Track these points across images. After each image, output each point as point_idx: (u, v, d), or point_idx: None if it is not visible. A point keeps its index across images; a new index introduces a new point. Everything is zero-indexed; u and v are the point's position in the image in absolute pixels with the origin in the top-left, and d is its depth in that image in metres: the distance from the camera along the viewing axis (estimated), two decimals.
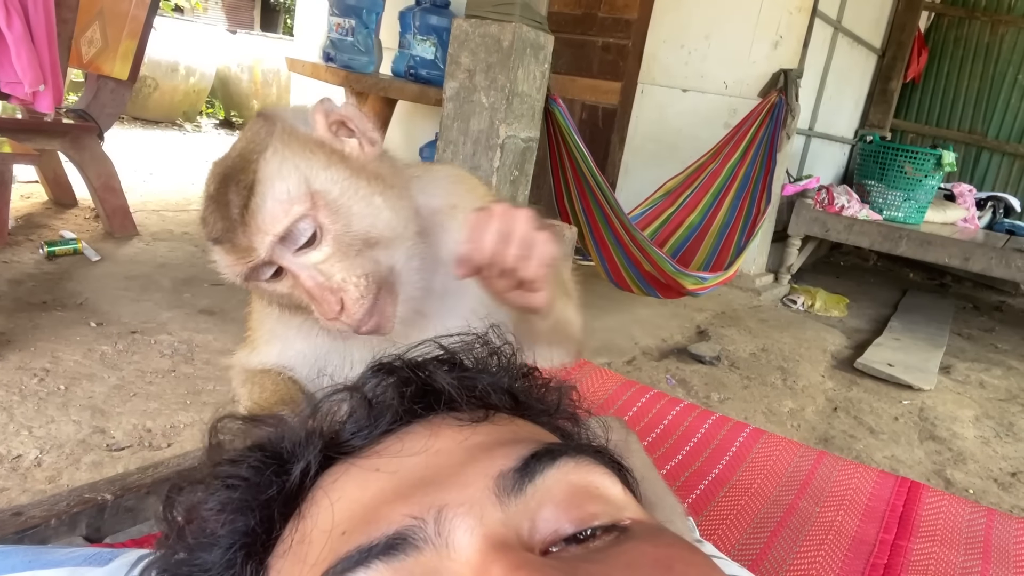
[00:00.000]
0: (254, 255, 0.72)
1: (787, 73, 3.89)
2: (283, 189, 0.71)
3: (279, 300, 0.79)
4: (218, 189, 0.73)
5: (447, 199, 0.87)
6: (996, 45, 6.19)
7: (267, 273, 0.75)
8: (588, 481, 0.41)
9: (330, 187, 0.74)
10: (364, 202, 0.75)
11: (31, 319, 2.52)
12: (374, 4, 4.19)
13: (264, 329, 0.88)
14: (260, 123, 0.76)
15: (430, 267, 0.82)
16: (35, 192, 4.12)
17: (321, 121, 0.79)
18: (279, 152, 0.73)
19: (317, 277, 0.73)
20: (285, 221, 0.71)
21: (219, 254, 0.74)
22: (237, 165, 0.73)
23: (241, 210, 0.70)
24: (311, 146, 0.75)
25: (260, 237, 0.71)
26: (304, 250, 0.73)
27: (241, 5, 16.89)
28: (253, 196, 0.71)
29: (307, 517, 0.41)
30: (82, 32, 3.58)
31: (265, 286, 0.77)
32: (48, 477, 1.75)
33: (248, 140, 0.75)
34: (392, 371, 0.48)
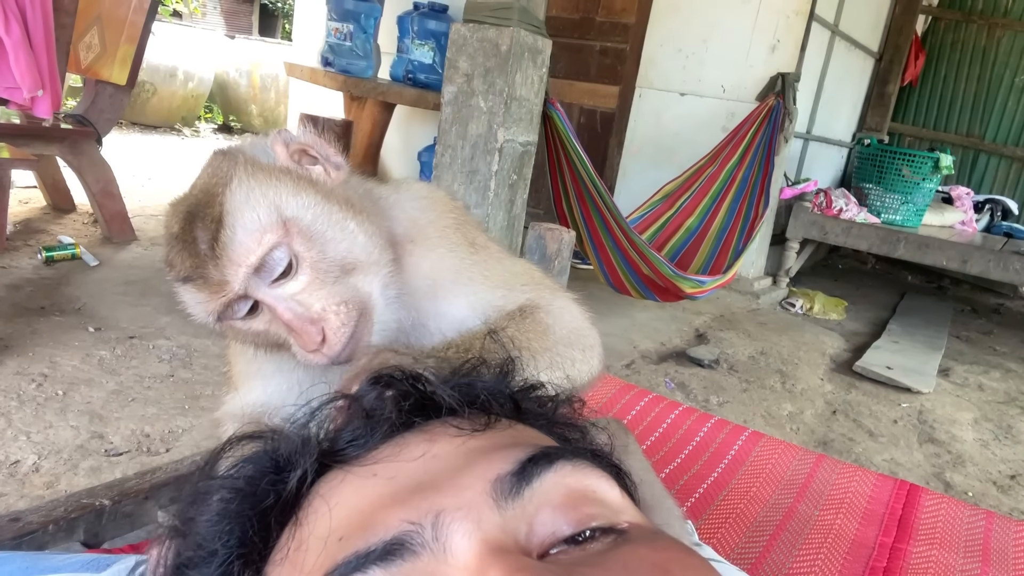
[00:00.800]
0: (227, 289, 0.68)
1: (785, 77, 3.89)
2: (253, 218, 0.68)
3: (255, 339, 0.75)
4: (183, 227, 0.69)
5: (408, 230, 0.83)
6: (993, 48, 6.20)
7: (242, 310, 0.71)
8: (585, 485, 0.41)
9: (302, 213, 0.71)
10: (338, 227, 0.72)
11: (29, 324, 2.52)
12: (372, 9, 4.20)
13: (242, 367, 0.85)
14: (219, 159, 0.74)
15: (402, 295, 0.79)
16: (33, 197, 4.12)
17: (282, 151, 0.76)
18: (244, 182, 0.70)
19: (296, 308, 0.69)
20: (258, 251, 0.67)
21: (189, 294, 0.70)
22: (201, 200, 0.69)
23: (211, 244, 0.67)
24: (277, 174, 0.72)
25: (233, 270, 0.67)
26: (280, 281, 0.69)
27: (239, 10, 16.92)
28: (222, 228, 0.67)
29: (304, 524, 0.41)
30: (80, 37, 3.59)
31: (240, 325, 0.73)
32: (46, 483, 1.74)
33: (209, 176, 0.72)
34: (391, 384, 0.48)
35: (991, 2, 6.19)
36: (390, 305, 0.76)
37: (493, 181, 2.40)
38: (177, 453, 1.94)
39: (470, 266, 0.85)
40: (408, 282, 0.80)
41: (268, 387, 0.83)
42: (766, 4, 4.18)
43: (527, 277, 0.90)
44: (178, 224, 0.69)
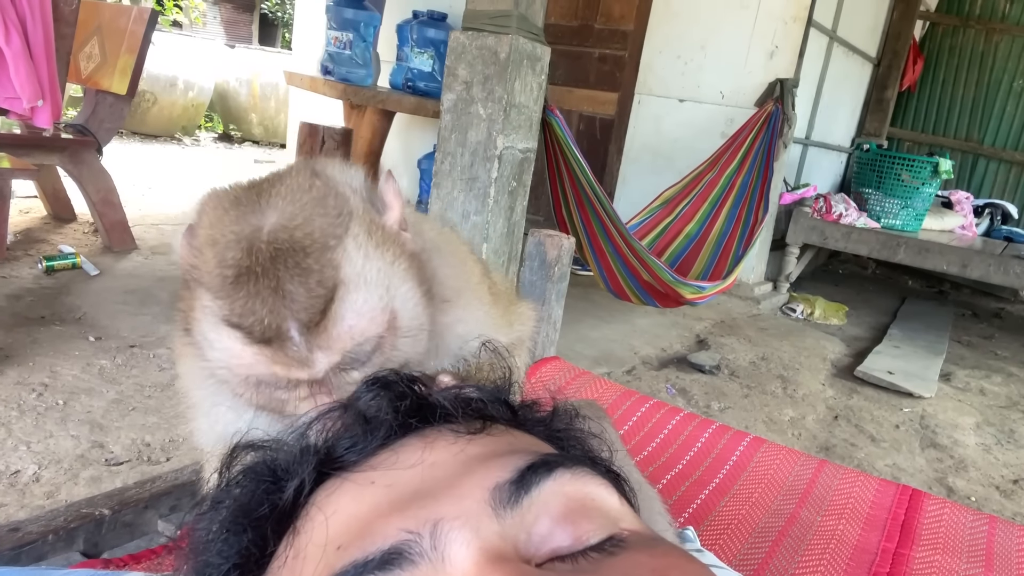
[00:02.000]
0: (307, 372, 0.55)
1: (783, 82, 3.90)
2: (368, 302, 0.56)
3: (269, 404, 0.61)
4: (266, 267, 0.53)
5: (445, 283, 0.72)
6: (991, 53, 6.22)
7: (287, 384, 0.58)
8: (584, 493, 0.41)
9: (404, 307, 0.60)
10: (421, 325, 0.62)
11: (30, 334, 2.52)
12: (372, 18, 4.22)
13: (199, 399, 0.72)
14: (320, 187, 0.58)
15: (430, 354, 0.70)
16: (34, 207, 4.12)
17: (398, 210, 0.63)
18: (364, 247, 0.57)
19: (343, 393, 0.57)
20: (356, 341, 0.56)
21: (244, 350, 0.55)
22: (302, 244, 0.54)
23: (313, 315, 0.54)
24: (392, 245, 0.60)
25: (326, 355, 0.55)
26: (347, 370, 0.58)
27: (239, 20, 16.98)
28: (333, 301, 0.54)
29: (302, 533, 0.41)
30: (80, 47, 3.60)
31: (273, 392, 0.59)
32: (46, 492, 1.74)
33: (310, 208, 0.56)
34: (387, 385, 0.48)
35: (989, 7, 6.21)
36: None
37: (493, 188, 2.41)
38: (177, 462, 1.94)
39: (494, 316, 0.79)
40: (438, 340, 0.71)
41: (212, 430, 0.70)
42: (764, 10, 4.20)
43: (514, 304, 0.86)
44: (255, 258, 0.54)
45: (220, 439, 0.66)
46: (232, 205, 0.58)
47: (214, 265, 0.55)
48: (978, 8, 6.27)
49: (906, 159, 4.75)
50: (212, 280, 0.55)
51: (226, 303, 0.54)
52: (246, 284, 0.53)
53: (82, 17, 3.40)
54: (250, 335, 0.54)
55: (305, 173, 0.59)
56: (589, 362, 3.02)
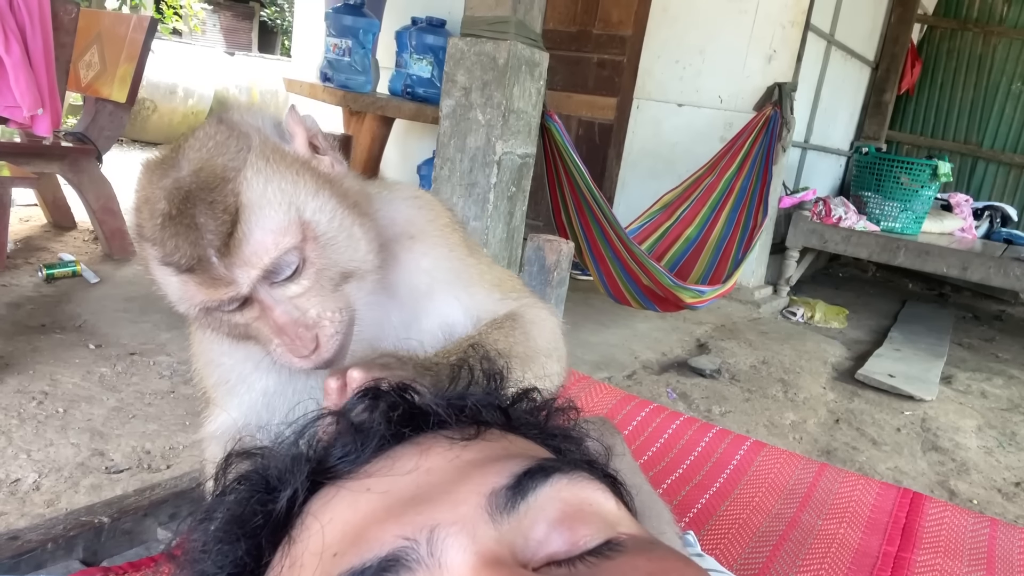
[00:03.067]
0: (232, 289, 0.64)
1: (782, 86, 3.91)
2: (274, 217, 0.64)
3: (233, 331, 0.70)
4: (180, 208, 0.62)
5: (406, 227, 0.81)
6: (989, 56, 6.23)
7: (232, 304, 0.66)
8: (581, 498, 0.41)
9: (320, 216, 0.67)
10: (347, 233, 0.69)
11: (30, 342, 2.52)
12: (371, 25, 4.23)
13: (214, 381, 0.82)
14: (224, 131, 0.67)
15: (385, 299, 0.77)
16: (34, 215, 4.13)
17: (300, 136, 0.71)
18: (263, 172, 0.65)
19: (293, 312, 0.66)
20: (274, 254, 0.64)
21: (178, 282, 0.65)
22: (206, 181, 0.63)
23: (222, 239, 0.62)
24: (296, 167, 0.67)
25: (244, 271, 0.63)
26: (282, 283, 0.66)
27: (239, 27, 17.03)
28: (238, 224, 0.62)
29: (298, 541, 0.41)
30: (80, 56, 3.61)
31: (224, 316, 0.68)
32: (47, 501, 1.74)
33: (213, 150, 0.65)
34: (379, 395, 0.47)
35: (986, 10, 6.23)
36: (369, 309, 0.74)
37: (492, 193, 2.41)
38: (178, 469, 1.93)
39: (468, 267, 0.84)
40: (405, 279, 0.79)
41: (243, 402, 0.80)
42: (762, 15, 4.21)
43: (513, 284, 0.90)
44: (172, 203, 0.62)
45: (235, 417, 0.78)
46: (156, 166, 0.67)
47: (148, 218, 0.64)
48: (976, 11, 6.28)
49: (905, 162, 4.76)
50: (148, 231, 0.65)
51: (159, 247, 0.64)
52: (169, 227, 0.62)
53: (82, 25, 3.41)
54: (179, 268, 0.63)
55: (211, 123, 0.68)
56: (589, 367, 3.01)
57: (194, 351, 0.84)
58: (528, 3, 2.36)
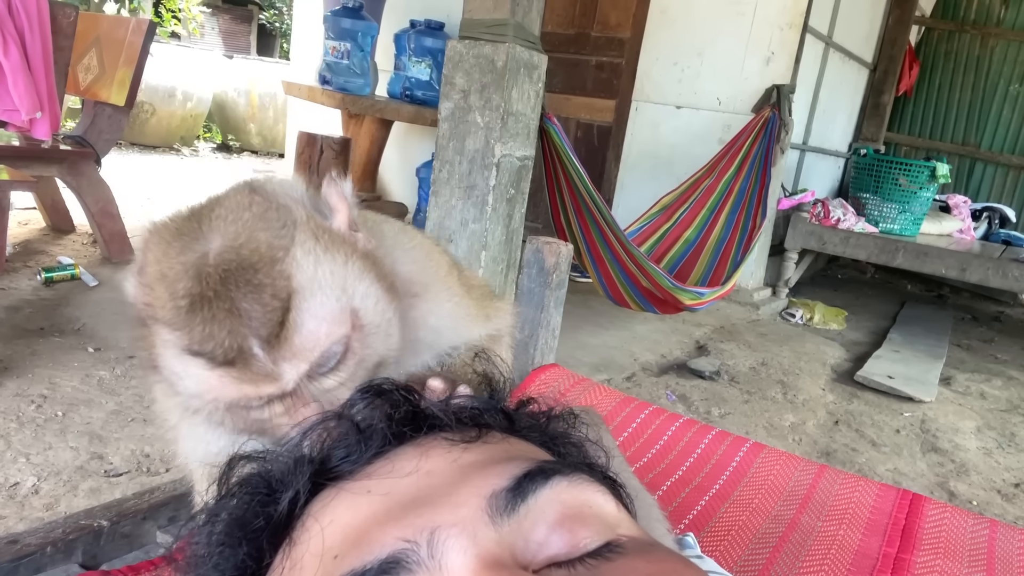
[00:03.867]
0: (278, 386, 0.55)
1: (780, 88, 3.91)
2: (327, 305, 0.56)
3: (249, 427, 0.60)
4: (217, 290, 0.53)
5: (409, 286, 0.73)
6: (986, 57, 6.24)
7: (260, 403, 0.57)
8: (581, 500, 0.41)
9: (367, 303, 0.60)
10: (387, 318, 0.62)
11: (29, 345, 2.52)
12: (369, 27, 4.23)
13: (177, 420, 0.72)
14: (260, 202, 0.58)
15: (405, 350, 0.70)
16: (33, 218, 4.13)
17: (344, 212, 0.63)
18: (313, 252, 0.57)
19: (324, 405, 0.57)
20: (325, 345, 0.56)
21: (210, 377, 0.55)
22: (250, 261, 0.54)
23: (272, 328, 0.53)
24: (342, 246, 0.60)
25: (293, 365, 0.55)
26: (321, 376, 0.58)
27: (237, 30, 17.04)
28: (289, 312, 0.54)
29: (298, 543, 0.41)
30: (79, 59, 3.61)
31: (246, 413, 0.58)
32: (46, 504, 1.74)
33: (252, 224, 0.56)
34: (381, 393, 0.48)
35: (984, 12, 6.24)
36: None
37: (491, 196, 2.41)
38: (177, 473, 1.93)
39: (467, 306, 0.80)
40: (411, 335, 0.72)
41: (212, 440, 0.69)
42: (760, 17, 4.21)
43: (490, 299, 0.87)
44: (205, 283, 0.53)
45: (205, 459, 0.66)
46: (174, 236, 0.57)
47: (167, 299, 0.55)
48: (973, 13, 6.29)
49: (903, 163, 4.76)
50: (167, 314, 0.55)
51: (184, 333, 0.54)
52: (200, 311, 0.53)
53: (80, 29, 3.41)
54: (213, 360, 0.53)
55: (243, 192, 0.59)
56: (589, 369, 3.01)
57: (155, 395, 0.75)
58: (527, 6, 2.36)
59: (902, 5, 5.74)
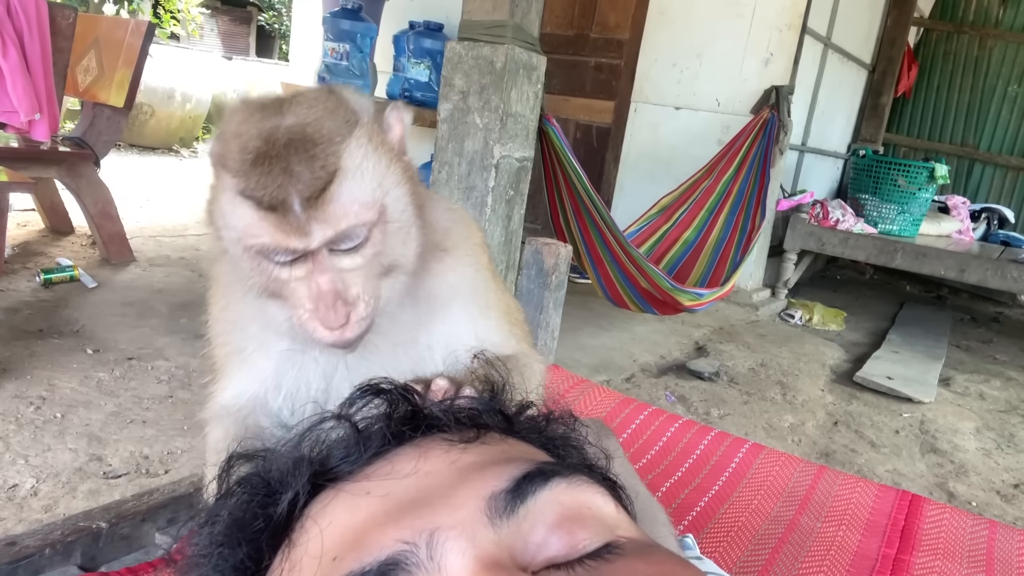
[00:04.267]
0: (304, 240, 0.65)
1: (779, 89, 3.91)
2: (363, 190, 0.67)
3: (270, 285, 0.71)
4: (279, 152, 0.64)
5: (442, 239, 0.83)
6: (985, 59, 6.25)
7: (291, 255, 0.68)
8: (581, 501, 0.41)
9: (396, 205, 0.71)
10: (408, 228, 0.73)
11: (27, 347, 2.52)
12: (368, 29, 4.23)
13: (233, 349, 0.82)
14: (337, 102, 0.70)
15: (406, 300, 0.79)
16: (32, 220, 4.12)
17: (398, 132, 0.76)
18: (364, 148, 0.69)
19: (338, 283, 0.68)
20: (352, 221, 0.67)
21: (254, 218, 0.66)
22: (312, 137, 0.65)
23: (313, 192, 0.64)
24: (390, 155, 0.72)
25: (321, 227, 0.65)
26: (341, 252, 0.68)
27: (236, 32, 17.04)
28: (331, 184, 0.65)
29: (297, 545, 0.41)
30: (78, 61, 3.61)
31: (271, 266, 0.69)
32: (44, 506, 1.73)
33: (324, 113, 0.68)
34: (380, 393, 0.47)
35: (982, 13, 6.25)
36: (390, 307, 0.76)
37: (490, 197, 2.41)
38: (176, 474, 1.93)
39: (488, 291, 0.86)
40: (429, 287, 0.81)
41: (255, 375, 0.80)
42: (759, 18, 4.22)
43: (519, 317, 0.93)
44: (271, 144, 0.65)
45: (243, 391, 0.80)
46: (258, 109, 0.69)
47: (237, 152, 0.66)
48: (972, 14, 6.30)
49: (902, 164, 4.77)
50: (234, 163, 0.66)
51: (242, 179, 0.65)
52: (261, 164, 0.64)
53: (79, 30, 3.41)
54: (260, 204, 0.65)
55: (323, 90, 0.72)
56: (588, 370, 3.01)
57: (212, 316, 0.85)
58: (525, 7, 2.36)
59: (901, 6, 5.75)
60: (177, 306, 3.11)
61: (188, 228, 4.58)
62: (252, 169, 0.65)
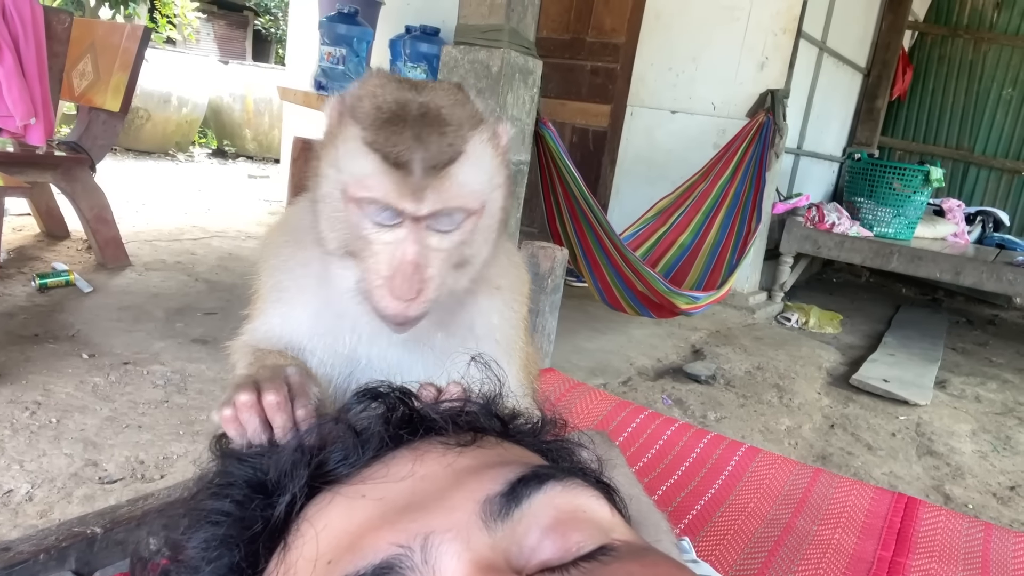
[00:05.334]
0: (414, 204, 0.68)
1: (774, 93, 3.93)
2: (478, 179, 0.72)
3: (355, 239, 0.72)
4: (414, 119, 0.68)
5: (498, 277, 0.86)
6: (979, 62, 6.27)
7: (393, 218, 0.70)
8: (576, 504, 0.41)
9: (492, 205, 0.75)
10: (492, 231, 0.77)
11: (23, 352, 2.51)
12: (365, 33, 4.24)
13: (275, 285, 0.83)
14: (463, 96, 0.74)
15: (447, 316, 0.81)
16: (27, 224, 4.12)
17: (504, 144, 0.79)
18: (487, 144, 0.73)
19: (421, 258, 0.70)
20: (459, 203, 0.70)
21: (373, 170, 0.68)
22: (446, 118, 0.70)
23: (437, 164, 0.68)
24: (501, 159, 0.76)
25: (433, 197, 0.68)
26: (434, 231, 0.71)
27: (233, 36, 17.04)
28: (454, 163, 0.69)
29: (293, 548, 0.41)
30: (73, 65, 3.61)
31: (367, 221, 0.71)
32: (39, 512, 1.73)
33: (452, 101, 0.72)
34: (377, 396, 0.47)
35: (977, 17, 6.27)
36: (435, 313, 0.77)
37: None
38: (172, 479, 1.93)
39: (519, 344, 0.88)
40: (470, 317, 0.83)
41: (289, 316, 0.82)
42: (754, 22, 4.23)
43: (535, 372, 0.95)
44: (407, 110, 0.69)
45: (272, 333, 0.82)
46: (395, 80, 0.73)
47: (371, 108, 0.69)
48: (966, 18, 6.32)
49: (897, 168, 4.78)
50: (366, 116, 0.69)
51: (372, 132, 0.68)
52: (394, 125, 0.68)
53: (75, 35, 3.41)
54: (386, 158, 0.67)
55: (453, 85, 0.76)
56: (585, 373, 3.02)
57: (265, 251, 0.86)
58: (521, 11, 2.37)
59: (895, 10, 5.77)
60: (173, 310, 3.11)
61: (184, 232, 4.58)
62: (384, 126, 0.68)
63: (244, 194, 6.42)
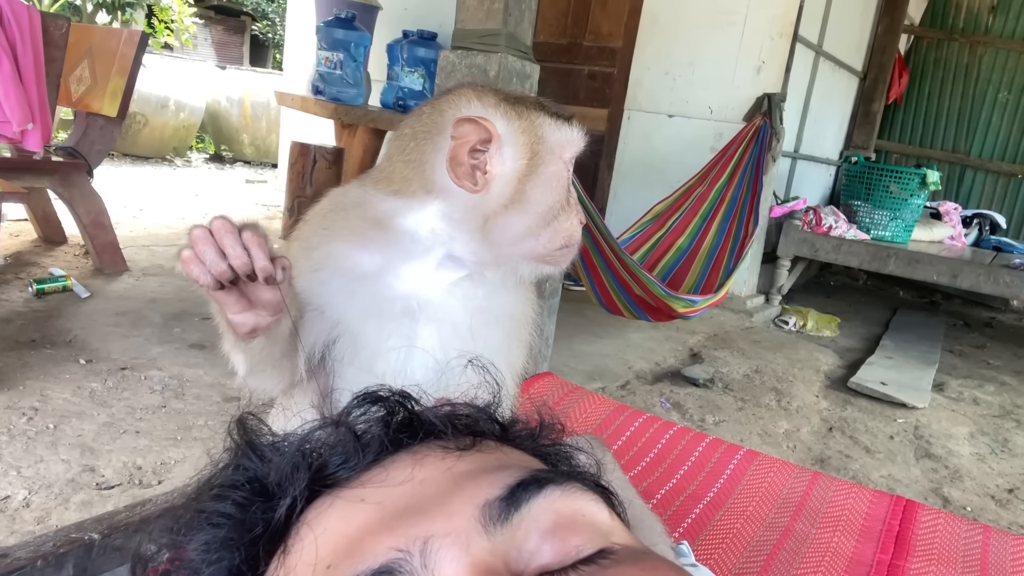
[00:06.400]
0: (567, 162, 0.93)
1: (771, 97, 3.94)
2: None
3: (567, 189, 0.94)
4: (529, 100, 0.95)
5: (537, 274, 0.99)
6: (975, 65, 6.29)
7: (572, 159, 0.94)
8: (575, 508, 0.41)
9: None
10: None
11: (20, 357, 2.50)
12: (362, 38, 4.24)
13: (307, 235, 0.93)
14: None
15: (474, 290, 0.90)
16: (24, 230, 4.11)
17: None
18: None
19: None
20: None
21: (572, 135, 0.94)
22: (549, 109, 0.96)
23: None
24: None
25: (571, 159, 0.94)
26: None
27: (230, 41, 17.06)
28: None
29: (292, 552, 0.41)
30: (71, 70, 3.61)
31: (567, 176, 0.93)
32: (37, 518, 1.72)
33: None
34: (378, 400, 0.48)
35: (972, 20, 6.30)
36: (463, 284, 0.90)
37: None
38: (169, 485, 1.92)
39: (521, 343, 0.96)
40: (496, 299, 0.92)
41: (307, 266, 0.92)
42: (750, 26, 4.24)
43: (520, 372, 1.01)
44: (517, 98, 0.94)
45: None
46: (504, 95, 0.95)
47: (555, 108, 0.97)
48: (962, 21, 6.35)
49: (894, 171, 4.79)
50: (552, 110, 0.96)
51: (561, 117, 0.95)
52: (553, 108, 0.96)
53: (72, 40, 3.41)
54: (569, 121, 0.95)
55: None
56: (583, 377, 3.01)
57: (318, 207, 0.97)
58: (519, 16, 2.37)
59: (891, 14, 5.79)
60: (170, 315, 3.10)
61: (182, 237, 4.56)
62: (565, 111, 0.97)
63: (242, 199, 6.42)
